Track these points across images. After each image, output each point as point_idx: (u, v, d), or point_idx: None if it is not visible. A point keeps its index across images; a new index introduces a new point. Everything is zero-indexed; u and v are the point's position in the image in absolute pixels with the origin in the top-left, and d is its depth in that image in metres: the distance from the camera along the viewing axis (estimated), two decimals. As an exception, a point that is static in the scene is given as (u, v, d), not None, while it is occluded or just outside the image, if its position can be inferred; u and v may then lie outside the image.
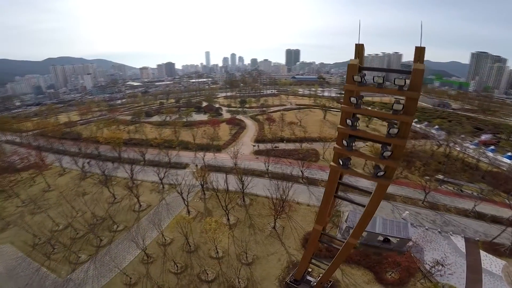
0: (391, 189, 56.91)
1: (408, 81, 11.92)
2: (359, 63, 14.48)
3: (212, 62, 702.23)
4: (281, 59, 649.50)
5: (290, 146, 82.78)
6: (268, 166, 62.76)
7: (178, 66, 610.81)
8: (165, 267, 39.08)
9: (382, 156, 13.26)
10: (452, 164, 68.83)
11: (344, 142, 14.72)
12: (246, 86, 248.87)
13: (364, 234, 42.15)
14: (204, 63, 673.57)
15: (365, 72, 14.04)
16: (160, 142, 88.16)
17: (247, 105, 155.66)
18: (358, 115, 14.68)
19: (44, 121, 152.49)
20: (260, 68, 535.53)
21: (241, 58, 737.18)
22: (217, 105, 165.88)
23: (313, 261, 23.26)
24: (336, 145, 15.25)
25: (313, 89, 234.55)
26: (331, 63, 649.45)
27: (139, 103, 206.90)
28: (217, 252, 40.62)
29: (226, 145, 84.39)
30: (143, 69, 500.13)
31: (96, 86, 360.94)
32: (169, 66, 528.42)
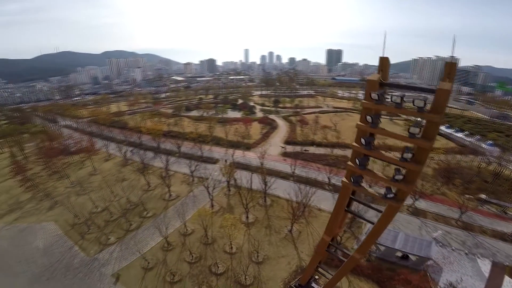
0: (423, 204, 53.39)
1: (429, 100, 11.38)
2: (382, 78, 14.01)
3: (251, 59, 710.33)
4: (321, 59, 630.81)
5: (321, 150, 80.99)
6: (295, 169, 62.51)
7: (219, 62, 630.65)
8: (181, 255, 41.87)
9: (394, 179, 12.90)
10: (500, 184, 61.20)
11: (357, 161, 14.55)
12: (282, 86, 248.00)
13: (382, 248, 40.34)
14: (243, 60, 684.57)
15: (387, 88, 13.66)
16: (195, 136, 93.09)
17: (280, 105, 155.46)
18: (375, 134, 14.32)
19: (98, 109, 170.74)
20: (298, 68, 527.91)
21: (279, 57, 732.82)
22: (251, 103, 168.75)
23: (319, 269, 23.08)
24: (349, 163, 15.13)
25: (354, 92, 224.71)
26: (377, 64, 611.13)
27: (180, 97, 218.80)
28: (231, 247, 42.36)
29: (256, 144, 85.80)
30: (187, 64, 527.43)
31: (145, 79, 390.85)
32: (211, 62, 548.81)
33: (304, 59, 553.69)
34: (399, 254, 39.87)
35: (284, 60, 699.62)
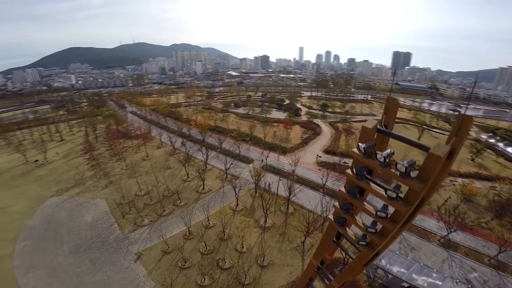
0: (460, 237, 46.82)
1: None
2: (385, 123, 12.82)
3: (305, 58, 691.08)
4: (386, 62, 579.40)
5: None
6: (327, 180, 60.46)
7: (273, 59, 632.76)
8: (197, 246, 45.43)
9: (377, 216, 11.99)
10: None
11: (341, 204, 14.02)
12: (335, 88, 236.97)
13: (390, 276, 36.86)
14: (297, 59, 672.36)
15: (386, 136, 12.45)
16: (236, 134, 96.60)
17: (329, 109, 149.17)
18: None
19: (159, 99, 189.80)
20: (358, 69, 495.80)
21: (336, 57, 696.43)
22: (298, 105, 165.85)
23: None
24: (335, 204, 14.55)
25: (418, 100, 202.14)
26: (453, 71, 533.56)
27: (232, 93, 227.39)
28: (242, 247, 44.42)
29: (293, 149, 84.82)
30: (243, 60, 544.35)
31: (204, 73, 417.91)
32: (264, 58, 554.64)
33: (366, 61, 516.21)
34: (406, 284, 36.14)
35: (343, 60, 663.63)
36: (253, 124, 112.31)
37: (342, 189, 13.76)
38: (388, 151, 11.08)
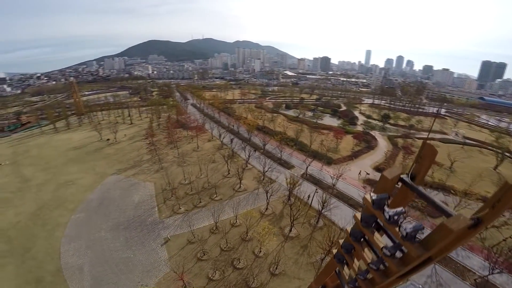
0: (503, 278, 39.05)
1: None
2: (413, 175, 10.34)
3: (372, 62, 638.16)
4: (472, 72, 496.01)
5: None
6: None
7: (335, 61, 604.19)
8: (219, 241, 46.59)
9: (369, 266, 10.07)
10: None
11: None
12: (403, 97, 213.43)
13: None
14: (363, 62, 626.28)
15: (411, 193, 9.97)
16: (282, 137, 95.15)
17: (391, 121, 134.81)
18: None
19: (218, 94, 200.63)
20: (434, 78, 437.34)
21: (409, 62, 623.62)
22: (356, 112, 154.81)
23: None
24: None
25: (506, 120, 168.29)
26: None
27: (285, 93, 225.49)
28: (260, 251, 44.18)
29: (339, 161, 79.26)
30: (301, 60, 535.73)
31: (261, 71, 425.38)
32: (325, 60, 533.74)
33: (445, 69, 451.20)
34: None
35: (417, 66, 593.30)
36: (301, 128, 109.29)
37: (348, 228, 11.97)
38: (399, 209, 8.96)
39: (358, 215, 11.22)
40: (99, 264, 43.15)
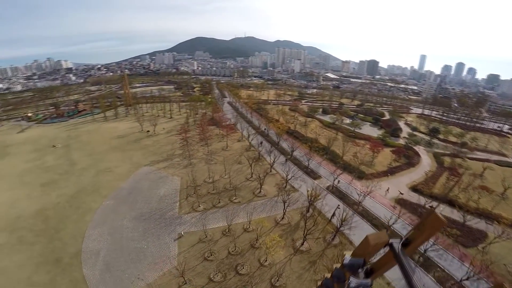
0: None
1: None
2: (402, 242, 8.42)
3: (427, 67, 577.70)
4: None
5: (454, 215, 57.71)
6: (396, 221, 49.69)
7: (383, 65, 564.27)
8: (228, 244, 46.29)
9: None
10: None
11: None
12: (460, 109, 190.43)
13: None
14: (416, 67, 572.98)
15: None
16: (312, 144, 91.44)
17: (440, 136, 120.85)
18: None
19: (253, 93, 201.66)
20: (500, 89, 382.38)
21: (471, 70, 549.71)
22: (401, 123, 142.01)
23: None
24: None
25: None
26: None
27: (324, 97, 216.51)
28: (266, 260, 42.96)
29: (372, 176, 73.04)
30: (345, 62, 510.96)
31: (301, 72, 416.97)
32: (372, 63, 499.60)
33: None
34: None
35: (480, 75, 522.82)
36: (335, 136, 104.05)
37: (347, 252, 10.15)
38: (365, 281, 7.10)
39: (349, 254, 9.45)
40: (114, 251, 46.05)
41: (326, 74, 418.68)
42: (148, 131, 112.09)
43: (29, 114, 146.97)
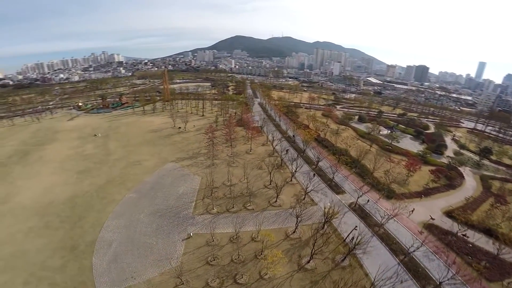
0: None
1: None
2: None
3: (486, 76, 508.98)
4: None
5: (489, 246, 50.74)
6: (418, 248, 44.77)
7: (434, 71, 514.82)
8: (233, 251, 45.72)
9: None
10: None
11: None
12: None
13: None
14: (472, 75, 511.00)
15: None
16: (341, 156, 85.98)
17: (492, 157, 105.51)
18: None
19: (285, 95, 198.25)
20: None
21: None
22: (447, 139, 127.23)
23: None
24: None
25: None
26: None
27: (362, 103, 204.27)
28: (266, 274, 41.59)
29: (403, 197, 66.15)
30: (391, 67, 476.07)
31: (340, 75, 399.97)
32: (421, 69, 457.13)
33: None
34: None
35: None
36: (369, 148, 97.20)
37: None
38: None
39: None
40: (126, 243, 48.23)
41: (367, 78, 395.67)
42: (179, 127, 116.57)
43: (80, 104, 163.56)
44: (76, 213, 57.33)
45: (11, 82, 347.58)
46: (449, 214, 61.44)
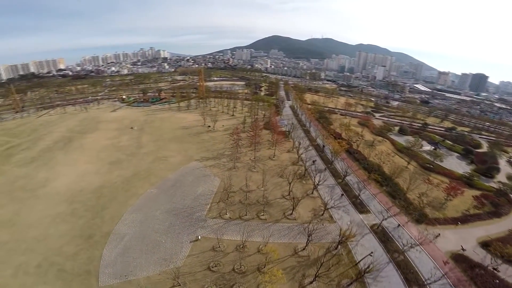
0: None
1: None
2: None
3: None
4: None
5: None
6: (439, 279, 41.11)
7: (494, 80, 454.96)
8: (235, 262, 44.78)
9: None
10: None
11: None
12: None
13: None
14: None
15: None
16: (372, 172, 79.06)
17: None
18: None
19: (319, 99, 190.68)
20: None
21: None
22: (502, 161, 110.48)
23: None
24: None
25: None
26: None
27: (405, 112, 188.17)
28: None
29: (436, 222, 58.56)
30: (442, 74, 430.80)
31: (384, 80, 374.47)
32: (478, 77, 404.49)
33: None
34: None
35: None
36: (406, 165, 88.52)
37: None
38: None
39: None
40: (137, 238, 50.08)
41: (414, 85, 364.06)
42: (209, 126, 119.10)
43: (123, 97, 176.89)
44: (100, 203, 61.25)
45: (70, 73, 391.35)
46: (485, 245, 53.94)
